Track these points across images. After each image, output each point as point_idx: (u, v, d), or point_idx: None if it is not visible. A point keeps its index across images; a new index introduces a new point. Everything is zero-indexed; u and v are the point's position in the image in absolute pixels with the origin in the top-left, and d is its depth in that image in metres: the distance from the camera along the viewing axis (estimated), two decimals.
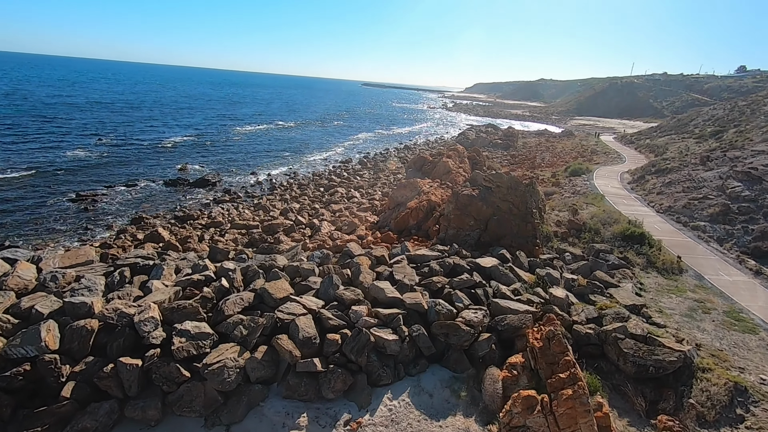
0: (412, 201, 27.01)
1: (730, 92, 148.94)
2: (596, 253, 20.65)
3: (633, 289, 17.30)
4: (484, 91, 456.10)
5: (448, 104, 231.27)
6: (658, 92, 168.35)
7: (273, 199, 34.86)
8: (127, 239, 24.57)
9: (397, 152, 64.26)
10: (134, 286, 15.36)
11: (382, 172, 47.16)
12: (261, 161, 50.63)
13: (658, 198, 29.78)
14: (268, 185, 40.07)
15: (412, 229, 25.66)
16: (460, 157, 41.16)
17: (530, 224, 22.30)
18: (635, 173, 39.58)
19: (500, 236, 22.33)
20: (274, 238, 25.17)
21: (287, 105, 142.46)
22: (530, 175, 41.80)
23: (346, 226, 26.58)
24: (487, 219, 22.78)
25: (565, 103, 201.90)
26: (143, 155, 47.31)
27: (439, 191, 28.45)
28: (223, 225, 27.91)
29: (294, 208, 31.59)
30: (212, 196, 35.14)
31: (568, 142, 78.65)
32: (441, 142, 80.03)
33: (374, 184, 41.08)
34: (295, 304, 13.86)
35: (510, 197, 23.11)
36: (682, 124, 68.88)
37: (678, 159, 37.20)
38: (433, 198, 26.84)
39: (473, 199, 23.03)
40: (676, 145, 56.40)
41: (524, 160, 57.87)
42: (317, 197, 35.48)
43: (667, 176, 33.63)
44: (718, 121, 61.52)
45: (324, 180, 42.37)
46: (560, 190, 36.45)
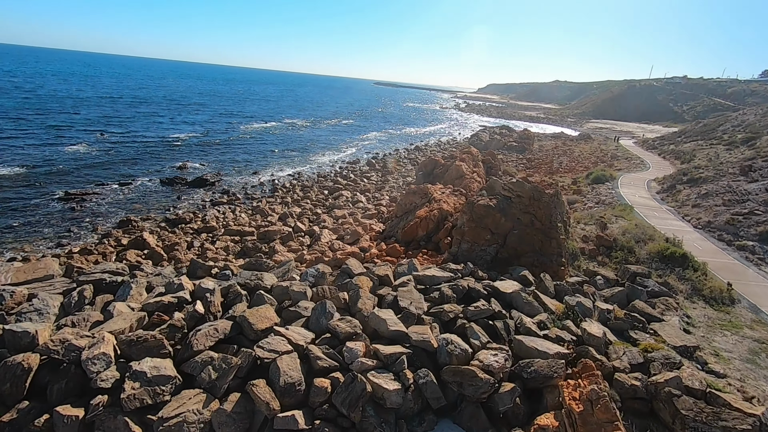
0: (422, 209, 24.60)
1: (755, 97, 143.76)
2: (632, 276, 18.05)
3: (680, 323, 14.71)
4: (497, 92, 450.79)
5: (461, 105, 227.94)
6: (679, 96, 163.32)
7: (273, 201, 32.73)
8: (109, 245, 22.59)
9: (408, 153, 61.83)
10: (96, 308, 13.25)
11: (390, 174, 44.80)
12: (265, 160, 48.62)
13: (694, 211, 26.96)
14: (269, 186, 37.97)
15: (421, 241, 23.27)
16: (474, 160, 38.60)
17: (555, 240, 19.76)
18: (664, 182, 36.64)
19: (520, 253, 19.83)
20: (269, 247, 22.97)
21: (297, 103, 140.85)
22: (552, 183, 39.14)
23: (348, 235, 24.28)
24: (506, 233, 20.30)
25: (581, 106, 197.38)
26: (144, 152, 45.60)
27: (452, 199, 26.00)
28: (216, 230, 25.82)
29: (294, 212, 29.39)
30: (209, 198, 33.13)
31: (586, 146, 75.43)
32: (453, 143, 77.38)
33: (382, 188, 38.73)
34: (279, 338, 11.60)
35: (532, 209, 20.59)
36: (708, 130, 65.31)
37: (712, 168, 34.21)
38: (444, 206, 24.40)
39: (490, 210, 20.56)
40: (704, 152, 53.09)
41: (541, 164, 55.03)
42: (320, 201, 33.25)
43: (702, 187, 30.73)
44: (749, 128, 57.97)
45: (329, 182, 40.14)
46: (582, 198, 33.74)
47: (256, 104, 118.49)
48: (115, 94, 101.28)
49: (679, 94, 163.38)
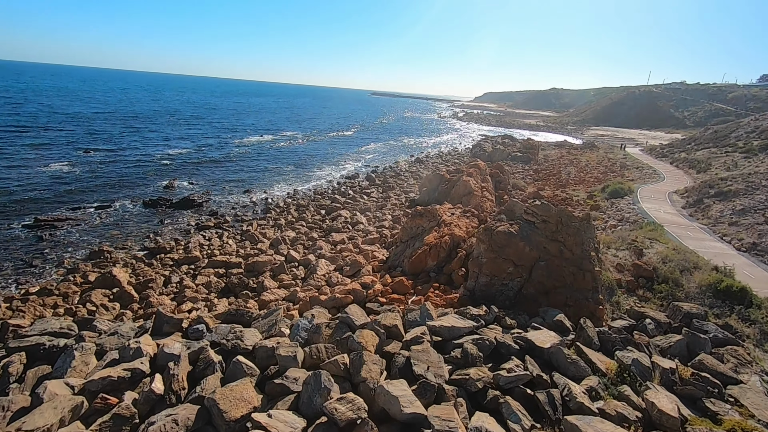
0: (431, 234, 21.78)
1: (757, 101, 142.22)
2: (686, 318, 15.18)
3: (762, 386, 11.82)
4: (495, 101, 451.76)
5: (459, 114, 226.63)
6: (679, 102, 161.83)
7: (265, 224, 29.87)
8: (74, 282, 19.68)
9: (409, 166, 59.21)
10: (25, 387, 10.33)
11: (392, 190, 42.05)
12: (258, 177, 45.87)
13: (733, 230, 24.20)
14: (262, 206, 35.16)
15: (431, 272, 20.41)
16: (482, 174, 35.90)
17: (589, 273, 16.93)
18: (688, 195, 33.94)
19: (549, 288, 17.00)
20: (257, 282, 20.07)
21: (294, 115, 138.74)
22: (566, 197, 36.42)
23: (348, 267, 21.39)
24: (531, 265, 17.48)
25: (581, 113, 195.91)
26: (129, 170, 42.85)
27: (463, 222, 23.18)
28: (199, 261, 22.93)
29: (287, 237, 26.53)
30: (195, 221, 30.29)
31: (592, 154, 72.99)
32: (455, 153, 74.91)
33: (383, 206, 35.93)
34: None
35: (560, 236, 17.80)
36: (720, 136, 62.92)
37: (741, 179, 31.55)
38: (456, 231, 21.58)
39: (512, 238, 17.76)
40: (720, 161, 50.57)
41: (549, 175, 52.39)
42: (316, 223, 30.40)
43: (735, 201, 28.02)
44: (764, 134, 55.57)
45: (326, 200, 37.33)
46: (602, 215, 30.98)
47: (252, 117, 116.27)
48: (107, 109, 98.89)
49: (680, 99, 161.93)
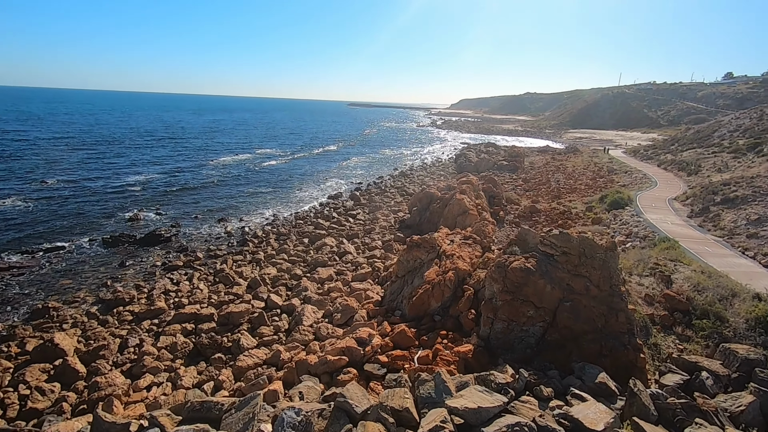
0: (431, 269, 19.11)
1: (725, 99, 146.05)
2: (744, 366, 12.82)
3: None
4: (471, 107, 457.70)
5: (438, 122, 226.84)
6: (652, 102, 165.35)
7: (242, 260, 26.70)
8: (7, 356, 16.17)
9: (393, 180, 56.73)
10: None
11: (378, 210, 39.34)
12: (234, 202, 42.52)
13: (754, 244, 22.38)
14: (238, 237, 31.91)
15: (435, 315, 17.69)
16: (475, 190, 33.60)
17: (622, 313, 14.52)
18: (692, 203, 32.35)
19: (577, 334, 14.49)
20: (233, 340, 16.96)
21: (270, 131, 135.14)
22: (564, 210, 34.39)
23: (339, 313, 18.49)
24: (554, 306, 14.98)
25: (558, 116, 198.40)
26: (88, 203, 38.94)
27: (465, 251, 20.62)
28: (164, 313, 19.64)
29: (267, 276, 23.44)
30: (162, 260, 26.89)
31: (577, 159, 72.15)
32: (439, 164, 72.94)
33: (371, 230, 33.15)
34: None
35: (584, 270, 15.38)
36: (703, 136, 62.72)
37: (746, 184, 30.09)
38: (460, 265, 18.98)
39: (530, 276, 15.24)
40: (709, 162, 49.85)
41: (538, 184, 50.66)
42: (299, 255, 27.36)
43: (746, 209, 26.38)
44: (747, 132, 55.36)
45: (309, 225, 34.34)
46: (606, 229, 29.00)
47: (227, 135, 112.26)
48: (70, 133, 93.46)
49: (652, 99, 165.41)
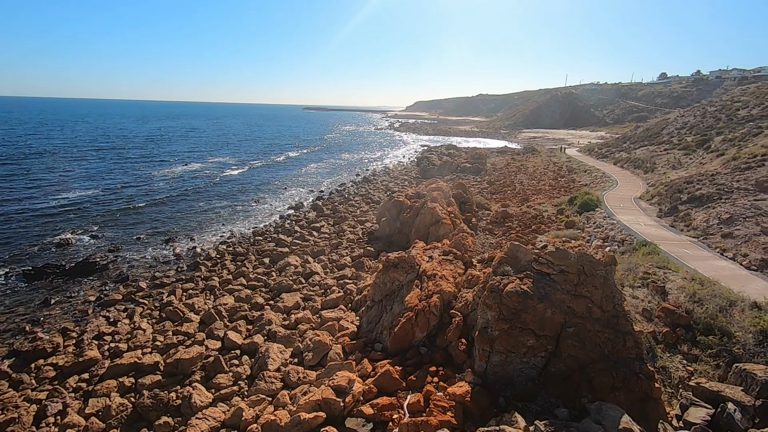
0: (412, 293, 17.06)
1: (663, 97, 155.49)
2: (765, 390, 11.72)
3: None
4: (426, 109, 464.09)
5: (395, 124, 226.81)
6: (597, 101, 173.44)
7: (192, 289, 23.43)
8: None
9: (356, 187, 54.44)
10: None
11: (344, 221, 36.92)
12: (184, 219, 38.56)
13: (730, 244, 22.14)
14: (188, 260, 28.43)
15: (421, 347, 15.63)
16: (446, 197, 32.04)
17: (630, 336, 13.13)
18: (658, 202, 32.50)
19: (584, 363, 12.95)
20: (182, 396, 14.04)
21: (223, 138, 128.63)
22: (536, 214, 33.54)
23: (310, 352, 16.00)
24: (557, 333, 13.37)
25: (511, 117, 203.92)
26: (7, 228, 33.69)
27: (447, 269, 18.75)
28: (97, 365, 16.28)
29: (223, 308, 20.44)
30: (96, 294, 23.09)
31: (536, 159, 73.13)
32: (402, 168, 71.48)
33: (338, 244, 30.71)
34: None
35: (585, 289, 13.90)
36: (652, 134, 65.24)
37: (709, 182, 30.48)
38: (444, 286, 17.06)
39: (528, 300, 13.56)
40: (662, 159, 51.46)
41: (504, 187, 50.20)
42: (260, 279, 24.45)
43: (715, 207, 26.46)
44: (693, 129, 57.91)
45: (269, 242, 31.35)
46: (581, 234, 28.31)
47: (175, 143, 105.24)
48: None
49: (597, 99, 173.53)
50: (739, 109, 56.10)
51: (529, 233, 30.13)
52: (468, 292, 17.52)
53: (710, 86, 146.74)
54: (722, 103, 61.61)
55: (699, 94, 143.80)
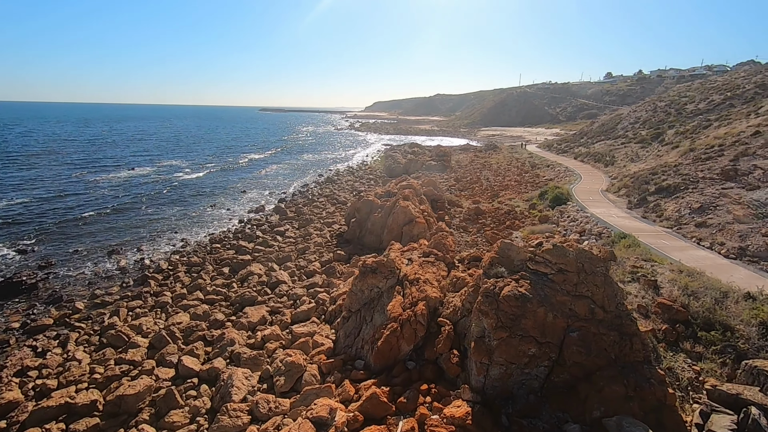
0: (394, 301, 15.35)
1: (611, 95, 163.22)
2: None
3: None
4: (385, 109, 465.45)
5: (356, 124, 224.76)
6: (550, 100, 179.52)
7: (140, 307, 20.51)
8: None
9: (320, 188, 52.12)
10: None
11: (310, 223, 34.66)
12: (129, 230, 34.79)
13: (706, 233, 22.11)
14: (136, 275, 25.25)
15: (408, 362, 13.95)
16: (418, 195, 30.63)
17: (636, 338, 12.09)
18: (626, 194, 32.71)
19: (590, 370, 11.78)
20: None
21: (175, 140, 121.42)
22: (510, 210, 32.83)
23: (282, 376, 13.90)
24: (560, 339, 12.11)
25: (469, 115, 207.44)
26: None
27: (430, 272, 17.20)
28: (17, 409, 13.35)
29: (177, 327, 17.83)
30: (20, 320, 19.68)
31: (499, 156, 73.70)
32: (366, 168, 69.71)
33: (305, 248, 28.50)
34: None
35: (586, 288, 12.75)
36: (607, 129, 67.34)
37: (672, 172, 30.93)
38: (430, 292, 15.47)
39: (527, 304, 12.22)
40: (620, 152, 52.86)
41: (471, 183, 49.63)
42: (219, 291, 21.86)
43: (684, 197, 26.66)
44: (646, 123, 60.11)
45: (228, 250, 28.64)
46: (557, 228, 27.78)
47: (121, 147, 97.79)
48: None
49: (550, 98, 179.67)
50: (686, 104, 58.79)
51: (503, 229, 29.29)
52: (454, 296, 16.06)
53: (652, 84, 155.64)
54: (670, 98, 64.47)
55: (642, 91, 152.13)
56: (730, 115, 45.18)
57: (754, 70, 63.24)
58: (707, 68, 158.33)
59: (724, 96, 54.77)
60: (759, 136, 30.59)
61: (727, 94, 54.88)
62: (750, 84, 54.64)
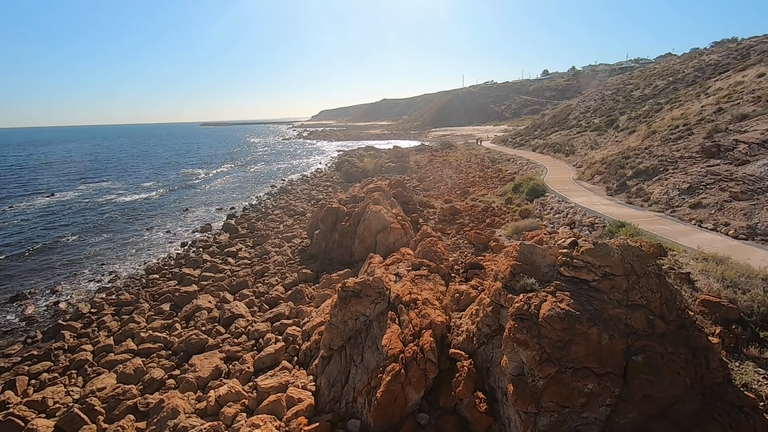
0: (388, 331, 11.85)
1: (551, 91, 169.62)
2: None
3: None
4: (332, 117, 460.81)
5: (304, 133, 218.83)
6: (495, 98, 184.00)
7: (48, 371, 15.52)
8: None
9: (274, 200, 47.54)
10: None
11: (266, 239, 30.32)
12: (43, 268, 28.63)
13: (706, 214, 20.58)
14: (46, 325, 19.85)
15: (419, 417, 10.50)
16: (388, 198, 27.37)
17: (712, 354, 9.45)
18: (602, 180, 31.38)
19: (663, 405, 8.92)
20: None
21: (105, 160, 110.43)
22: (488, 207, 30.40)
23: None
24: (622, 365, 9.20)
25: (418, 118, 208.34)
26: None
27: (426, 288, 13.87)
28: None
29: (98, 398, 13.20)
30: None
31: (456, 154, 72.34)
32: (322, 175, 65.58)
33: (264, 270, 24.25)
34: None
35: (638, 295, 9.97)
36: (560, 120, 67.94)
37: (648, 155, 29.91)
38: (434, 316, 12.14)
39: (574, 324, 9.19)
40: (579, 141, 52.72)
41: (435, 182, 47.21)
42: (156, 337, 17.22)
43: (667, 178, 25.38)
44: (597, 112, 60.96)
45: (169, 280, 23.78)
46: (541, 222, 25.58)
47: (39, 172, 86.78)
48: None
49: (495, 96, 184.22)
50: (632, 91, 60.22)
51: (484, 228, 26.71)
52: (461, 316, 12.86)
53: (587, 78, 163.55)
54: (616, 86, 66.08)
55: (579, 85, 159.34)
56: (679, 97, 46.00)
57: (690, 55, 66.39)
58: (634, 61, 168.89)
59: (667, 81, 56.50)
60: (724, 113, 30.31)
61: (670, 79, 56.66)
62: (689, 68, 56.75)
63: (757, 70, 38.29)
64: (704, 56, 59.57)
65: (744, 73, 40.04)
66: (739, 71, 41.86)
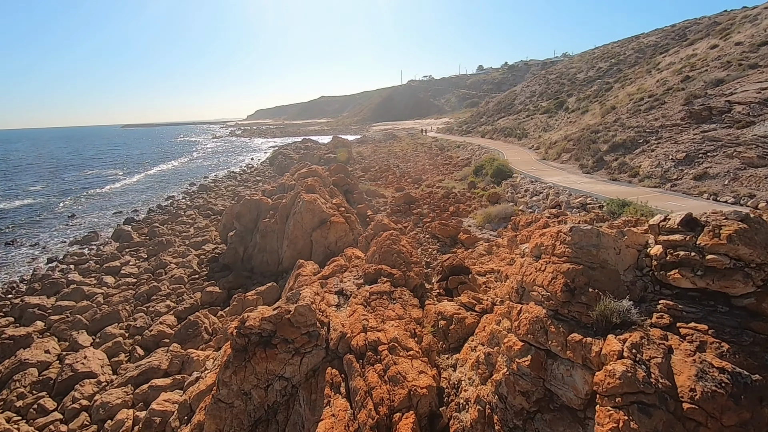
0: (331, 423, 5.98)
1: (488, 84, 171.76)
2: None
3: None
4: (269, 116, 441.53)
5: (237, 131, 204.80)
6: (435, 92, 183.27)
7: None
8: None
9: (190, 199, 39.43)
10: None
11: (168, 248, 22.83)
12: None
13: (715, 185, 16.88)
14: None
15: None
16: (327, 186, 21.25)
17: None
18: (573, 157, 27.63)
19: None
20: None
21: None
22: (449, 193, 25.31)
23: None
24: None
25: (358, 113, 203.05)
26: None
27: (392, 316, 8.13)
28: None
29: None
30: None
31: (401, 144, 67.62)
32: (252, 171, 57.60)
33: (154, 291, 17.03)
34: None
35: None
36: (505, 106, 65.51)
37: (621, 127, 26.51)
38: (415, 378, 6.40)
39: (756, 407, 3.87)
40: (530, 124, 49.90)
41: (383, 172, 41.66)
42: None
43: (654, 150, 21.79)
44: (543, 96, 58.98)
45: (2, 318, 15.93)
46: (516, 207, 20.94)
47: None
48: None
49: (435, 90, 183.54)
50: (576, 74, 58.92)
51: (449, 218, 21.59)
52: (455, 363, 7.25)
53: (521, 71, 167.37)
54: (558, 71, 64.81)
55: (514, 79, 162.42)
56: (628, 75, 44.39)
57: (628, 39, 66.52)
58: (564, 56, 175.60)
59: (610, 63, 55.62)
60: (693, 80, 27.74)
61: (612, 61, 55.85)
62: (629, 50, 56.32)
63: (708, 42, 36.97)
64: (642, 39, 59.70)
65: (694, 47, 38.75)
66: (688, 46, 40.70)
